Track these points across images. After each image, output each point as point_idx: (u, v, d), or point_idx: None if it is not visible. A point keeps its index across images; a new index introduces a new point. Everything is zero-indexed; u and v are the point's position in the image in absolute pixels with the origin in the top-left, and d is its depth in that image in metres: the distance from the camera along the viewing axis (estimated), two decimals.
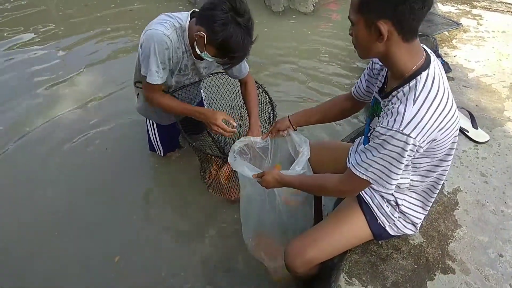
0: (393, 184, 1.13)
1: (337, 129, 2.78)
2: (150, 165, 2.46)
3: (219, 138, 2.21)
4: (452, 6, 4.04)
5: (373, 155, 1.10)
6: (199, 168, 2.31)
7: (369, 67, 1.39)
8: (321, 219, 1.87)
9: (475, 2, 4.15)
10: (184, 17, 1.70)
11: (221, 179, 2.13)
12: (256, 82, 2.11)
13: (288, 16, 4.49)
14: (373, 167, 1.12)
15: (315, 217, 1.73)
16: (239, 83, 2.13)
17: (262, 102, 2.17)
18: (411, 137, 1.02)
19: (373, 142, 1.10)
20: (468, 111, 2.24)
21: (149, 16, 1.86)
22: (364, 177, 1.15)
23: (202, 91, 2.36)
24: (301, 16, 4.50)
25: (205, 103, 2.47)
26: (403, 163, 1.07)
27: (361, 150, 1.16)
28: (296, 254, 1.36)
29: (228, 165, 2.01)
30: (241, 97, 2.13)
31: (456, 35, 3.41)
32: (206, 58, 1.68)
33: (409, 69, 1.08)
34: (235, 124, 1.88)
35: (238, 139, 1.78)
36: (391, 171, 1.10)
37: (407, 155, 1.05)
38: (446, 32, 3.44)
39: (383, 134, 1.06)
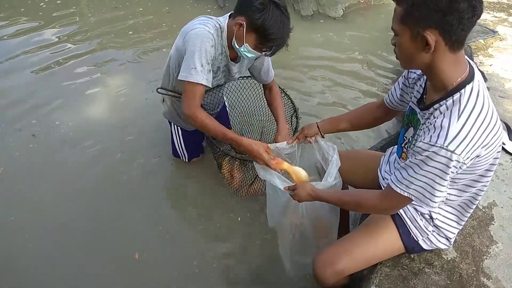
0: (437, 202, 1.09)
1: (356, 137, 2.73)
2: (174, 169, 2.46)
3: None
4: (488, 13, 3.93)
5: (415, 172, 1.07)
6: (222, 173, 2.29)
7: (404, 76, 1.36)
8: (347, 227, 1.86)
9: None
10: (222, 19, 1.74)
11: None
12: (278, 87, 2.12)
13: (317, 20, 4.46)
14: (415, 184, 1.08)
15: (340, 227, 1.70)
16: (261, 87, 2.15)
17: (285, 106, 2.17)
18: (455, 153, 0.98)
19: (415, 158, 1.06)
20: (505, 123, 2.17)
21: (180, 19, 1.88)
22: (406, 194, 1.11)
23: (224, 96, 2.37)
24: (329, 20, 4.46)
25: (228, 109, 2.49)
26: (446, 180, 1.04)
27: (401, 166, 1.13)
28: (327, 264, 1.34)
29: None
30: (262, 101, 2.13)
31: (492, 43, 3.31)
32: (244, 53, 1.69)
33: (453, 81, 1.04)
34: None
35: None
36: (434, 188, 1.06)
37: (451, 171, 1.01)
38: (481, 40, 3.34)
39: (425, 150, 1.02)
